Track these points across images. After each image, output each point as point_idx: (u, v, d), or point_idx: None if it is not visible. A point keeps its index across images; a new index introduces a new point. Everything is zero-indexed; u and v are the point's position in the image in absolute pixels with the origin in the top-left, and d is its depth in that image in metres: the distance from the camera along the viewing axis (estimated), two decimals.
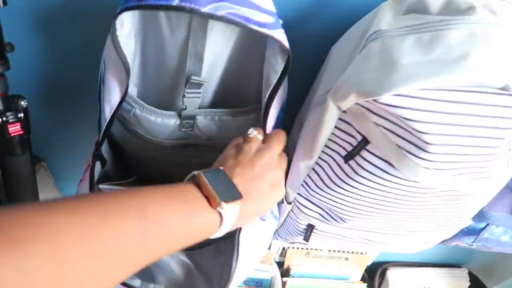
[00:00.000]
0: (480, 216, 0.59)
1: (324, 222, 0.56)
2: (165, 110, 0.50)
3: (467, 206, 0.48)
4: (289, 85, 0.54)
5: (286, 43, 0.42)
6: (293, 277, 1.03)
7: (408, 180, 0.42)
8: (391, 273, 1.02)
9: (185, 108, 0.49)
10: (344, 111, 0.43)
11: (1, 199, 0.62)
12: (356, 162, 0.45)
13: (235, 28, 0.45)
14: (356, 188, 0.46)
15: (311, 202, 0.54)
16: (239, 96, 0.52)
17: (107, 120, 0.51)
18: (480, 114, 0.37)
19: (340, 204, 0.50)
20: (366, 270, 1.07)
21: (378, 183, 0.44)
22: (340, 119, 0.44)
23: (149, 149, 0.56)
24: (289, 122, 0.61)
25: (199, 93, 0.48)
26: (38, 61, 0.61)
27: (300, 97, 0.57)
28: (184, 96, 0.48)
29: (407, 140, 0.40)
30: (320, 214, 0.55)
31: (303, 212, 0.56)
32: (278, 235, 0.67)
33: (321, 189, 0.50)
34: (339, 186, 0.47)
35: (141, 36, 0.47)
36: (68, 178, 0.83)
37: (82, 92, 0.65)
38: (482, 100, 0.36)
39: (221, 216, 0.35)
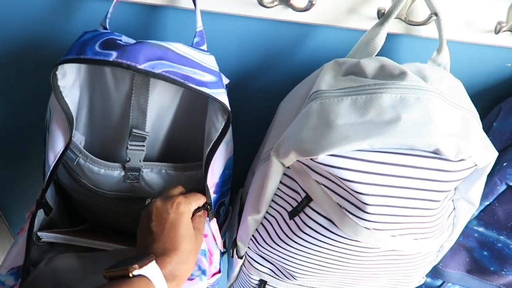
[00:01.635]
0: (436, 273, 0.59)
1: (275, 278, 0.54)
2: (111, 161, 0.49)
3: (415, 266, 0.48)
4: (242, 139, 0.54)
5: (225, 102, 0.43)
6: None
7: (350, 239, 0.42)
8: None
9: (129, 160, 0.48)
10: (288, 167, 0.43)
11: None
12: (301, 219, 0.44)
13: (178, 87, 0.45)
14: (302, 245, 0.45)
15: (261, 257, 0.52)
16: (186, 151, 0.52)
17: (51, 168, 0.50)
18: (414, 177, 0.37)
19: (288, 260, 0.49)
20: None
21: (322, 241, 0.44)
22: (285, 174, 0.44)
23: (95, 199, 0.54)
24: (244, 177, 0.61)
25: (143, 145, 0.48)
26: None
27: (253, 151, 0.57)
28: (127, 148, 0.47)
29: (346, 200, 0.40)
30: (272, 270, 0.54)
31: (254, 267, 0.54)
32: None
33: (269, 244, 0.48)
34: (285, 242, 0.46)
35: (89, 87, 0.47)
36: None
37: (34, 139, 0.64)
38: (415, 163, 0.37)
39: (147, 278, 0.36)
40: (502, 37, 0.45)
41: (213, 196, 0.52)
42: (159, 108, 0.46)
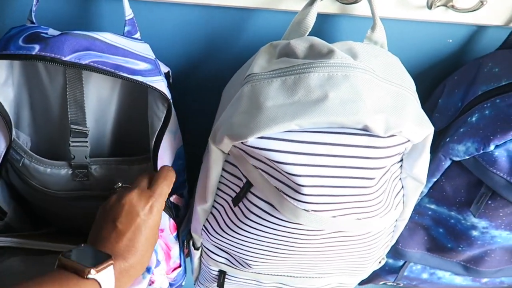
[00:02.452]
0: (396, 253, 0.59)
1: (233, 267, 0.54)
2: (57, 160, 0.49)
3: (367, 247, 0.48)
4: (193, 130, 0.53)
5: (163, 89, 0.42)
6: None
7: (292, 223, 0.41)
8: None
9: (74, 158, 0.48)
10: (229, 154, 0.43)
11: None
12: (244, 205, 0.44)
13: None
14: (249, 232, 0.45)
15: (216, 247, 0.52)
16: (135, 144, 0.51)
17: None
18: (345, 155, 0.37)
19: (240, 249, 0.48)
20: None
21: (266, 226, 0.43)
22: (227, 161, 0.44)
23: (49, 201, 0.53)
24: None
25: (86, 141, 0.47)
26: None
27: (206, 141, 0.56)
28: (69, 145, 0.46)
29: (283, 183, 0.39)
30: (228, 260, 0.53)
31: (210, 257, 0.54)
32: (200, 282, 0.64)
33: (219, 233, 0.48)
34: (233, 230, 0.46)
35: (26, 86, 0.46)
36: None
37: None
38: (345, 141, 0.36)
39: (98, 282, 0.36)
40: (437, 13, 0.44)
41: None
42: (98, 101, 0.46)
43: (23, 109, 0.48)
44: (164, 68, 0.46)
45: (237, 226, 0.45)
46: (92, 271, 0.35)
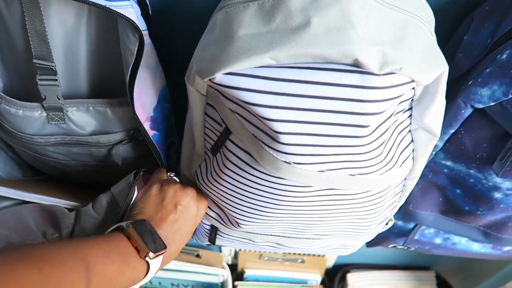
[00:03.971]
0: (406, 215, 0.53)
1: (224, 225, 0.50)
2: (30, 102, 0.45)
3: (368, 207, 0.42)
4: (182, 69, 0.48)
5: (131, 16, 0.36)
6: (246, 280, 0.97)
7: (274, 177, 0.36)
8: (352, 276, 0.95)
9: (45, 98, 0.44)
10: (207, 95, 0.37)
11: None
12: (224, 155, 0.39)
13: (79, 4, 0.39)
14: (230, 184, 0.40)
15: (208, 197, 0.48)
16: (113, 84, 0.47)
17: None
18: (331, 96, 0.30)
19: (227, 203, 0.44)
20: (327, 273, 1.00)
21: (247, 179, 0.38)
22: (208, 104, 0.38)
23: (29, 148, 0.50)
24: None
25: (55, 79, 0.43)
26: None
27: None
28: (37, 84, 0.42)
29: (261, 130, 0.34)
30: (219, 215, 0.49)
31: None
32: (196, 236, 0.61)
33: (205, 182, 0.44)
34: (216, 181, 0.42)
35: None
36: None
37: None
38: (332, 79, 0.30)
39: (148, 265, 0.38)
40: None
41: (151, 133, 0.47)
42: (64, 32, 0.41)
43: None
44: None
45: (219, 176, 0.41)
46: (151, 254, 0.38)
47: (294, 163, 0.34)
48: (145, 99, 0.44)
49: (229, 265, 0.98)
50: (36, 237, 0.44)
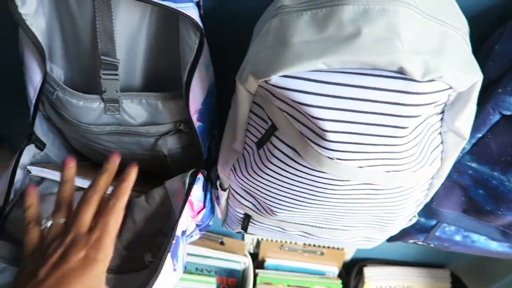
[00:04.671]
0: (429, 212, 0.56)
1: (258, 213, 0.54)
2: (90, 94, 0.49)
3: (396, 202, 0.45)
4: (226, 67, 0.51)
5: (195, 17, 0.40)
6: (267, 269, 1.01)
7: (316, 170, 0.40)
8: (369, 270, 0.98)
9: (105, 91, 0.48)
10: (255, 94, 0.41)
11: None
12: (268, 149, 0.42)
13: (145, 5, 0.43)
14: (271, 177, 0.44)
15: (243, 189, 0.52)
16: (167, 79, 0.51)
17: (33, 102, 0.51)
18: (376, 100, 0.34)
19: (265, 193, 0.48)
20: (344, 266, 1.04)
21: (289, 172, 0.42)
22: (254, 102, 0.42)
23: (81, 135, 0.55)
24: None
25: (116, 74, 0.47)
26: None
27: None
28: (101, 77, 0.47)
29: (308, 127, 0.37)
30: (253, 204, 0.53)
31: (237, 199, 0.54)
32: (227, 224, 0.65)
33: (244, 176, 0.47)
34: (257, 174, 0.45)
35: (56, 15, 0.46)
36: None
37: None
38: (377, 84, 0.33)
39: None
40: None
41: (197, 124, 0.51)
42: (129, 31, 0.45)
43: (55, 41, 0.48)
44: None
45: (261, 170, 0.44)
46: None
47: (337, 159, 0.37)
48: (196, 93, 0.48)
49: (250, 254, 1.02)
50: None
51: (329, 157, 0.37)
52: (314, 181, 0.41)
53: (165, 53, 0.49)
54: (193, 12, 0.41)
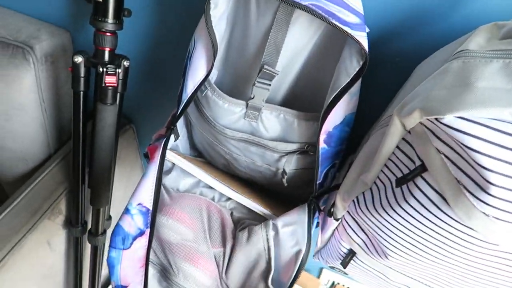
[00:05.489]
0: None
1: (365, 251, 0.52)
2: (235, 98, 0.52)
3: None
4: (365, 104, 0.51)
5: (365, 45, 0.41)
6: None
7: (461, 224, 0.37)
8: None
9: (253, 98, 0.50)
10: (409, 132, 0.40)
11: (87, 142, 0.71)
12: (408, 188, 0.41)
13: (318, 26, 0.45)
14: (402, 218, 0.42)
15: (357, 223, 0.50)
16: (310, 100, 0.52)
17: (188, 96, 0.55)
18: None
19: (384, 234, 0.46)
20: None
21: (427, 219, 0.40)
22: (403, 139, 0.41)
23: (214, 136, 0.58)
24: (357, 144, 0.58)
25: (269, 85, 0.49)
26: (145, 30, 0.69)
27: (373, 117, 0.54)
28: (254, 84, 0.49)
29: (467, 175, 0.35)
30: (364, 242, 0.51)
31: (347, 232, 0.52)
32: (320, 255, 0.64)
33: (369, 210, 0.46)
34: (385, 211, 0.43)
35: (231, 21, 0.50)
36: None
37: (171, 69, 0.70)
38: None
39: None
40: None
41: (322, 145, 0.50)
42: (294, 48, 0.47)
43: (222, 43, 0.52)
44: (366, 28, 0.45)
45: (392, 209, 0.42)
46: None
47: (494, 217, 0.34)
48: (332, 117, 0.48)
49: None
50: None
51: (484, 213, 0.35)
52: (454, 235, 0.38)
53: (315, 74, 0.50)
54: (365, 42, 0.41)
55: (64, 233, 0.78)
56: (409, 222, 0.42)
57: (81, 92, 0.65)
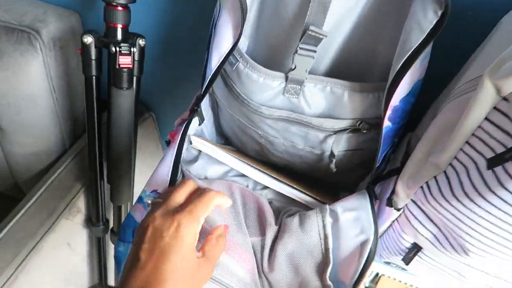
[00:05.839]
0: None
1: (436, 247, 0.43)
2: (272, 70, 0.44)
3: None
4: (428, 68, 0.43)
5: None
6: None
7: None
8: None
9: (294, 68, 0.42)
10: (505, 98, 0.31)
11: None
12: (505, 171, 0.32)
13: None
14: (496, 207, 0.34)
15: (425, 214, 0.42)
16: (362, 69, 0.43)
17: (213, 71, 0.47)
18: None
19: (467, 225, 0.37)
20: None
21: None
22: (495, 108, 0.32)
23: (247, 117, 0.50)
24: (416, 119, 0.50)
25: (315, 51, 0.41)
26: (161, 3, 0.61)
27: (440, 84, 0.45)
28: (296, 51, 0.41)
29: None
30: (434, 235, 0.43)
31: (411, 224, 0.44)
32: (383, 248, 0.56)
33: (445, 198, 0.38)
34: (470, 199, 0.35)
35: None
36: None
37: (194, 47, 0.63)
38: None
39: None
40: None
41: (386, 124, 0.42)
42: (342, 8, 0.38)
43: (252, 7, 0.44)
44: None
45: (481, 196, 0.34)
46: None
47: None
48: (402, 89, 0.40)
49: None
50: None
51: None
52: None
53: (371, 37, 0.41)
54: None
55: (85, 233, 0.73)
56: (504, 212, 0.33)
57: (93, 77, 0.58)
